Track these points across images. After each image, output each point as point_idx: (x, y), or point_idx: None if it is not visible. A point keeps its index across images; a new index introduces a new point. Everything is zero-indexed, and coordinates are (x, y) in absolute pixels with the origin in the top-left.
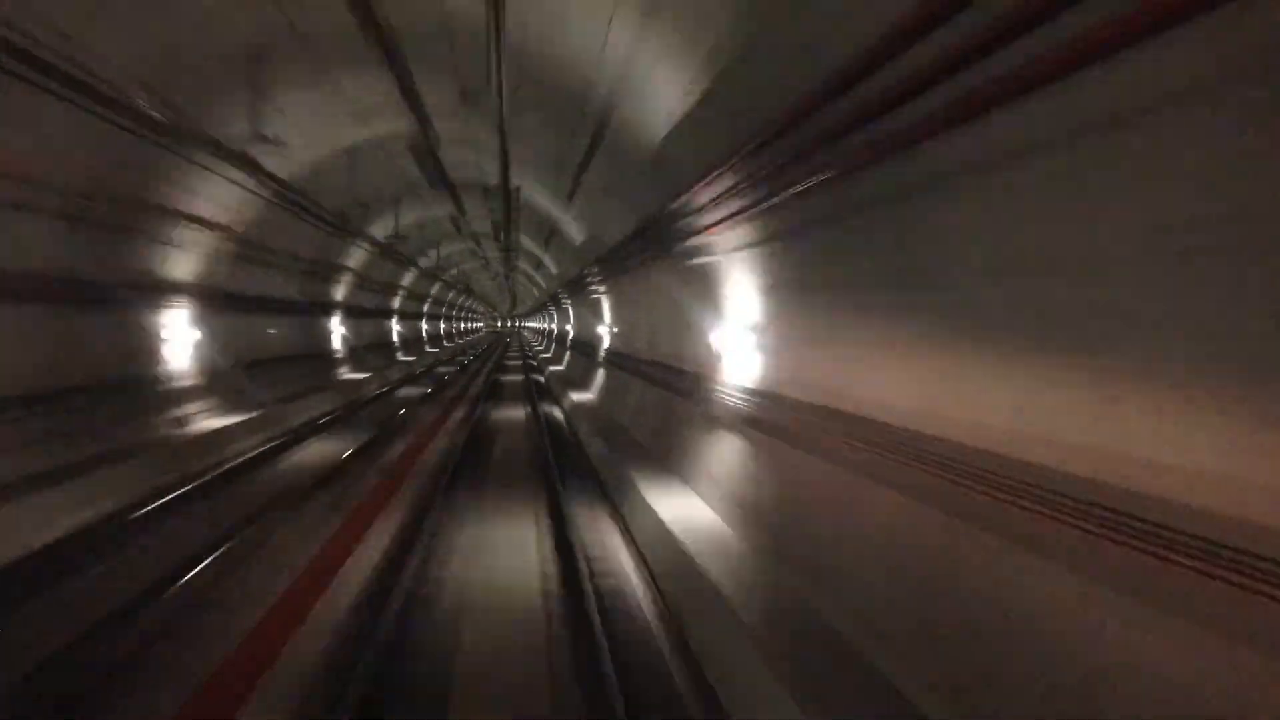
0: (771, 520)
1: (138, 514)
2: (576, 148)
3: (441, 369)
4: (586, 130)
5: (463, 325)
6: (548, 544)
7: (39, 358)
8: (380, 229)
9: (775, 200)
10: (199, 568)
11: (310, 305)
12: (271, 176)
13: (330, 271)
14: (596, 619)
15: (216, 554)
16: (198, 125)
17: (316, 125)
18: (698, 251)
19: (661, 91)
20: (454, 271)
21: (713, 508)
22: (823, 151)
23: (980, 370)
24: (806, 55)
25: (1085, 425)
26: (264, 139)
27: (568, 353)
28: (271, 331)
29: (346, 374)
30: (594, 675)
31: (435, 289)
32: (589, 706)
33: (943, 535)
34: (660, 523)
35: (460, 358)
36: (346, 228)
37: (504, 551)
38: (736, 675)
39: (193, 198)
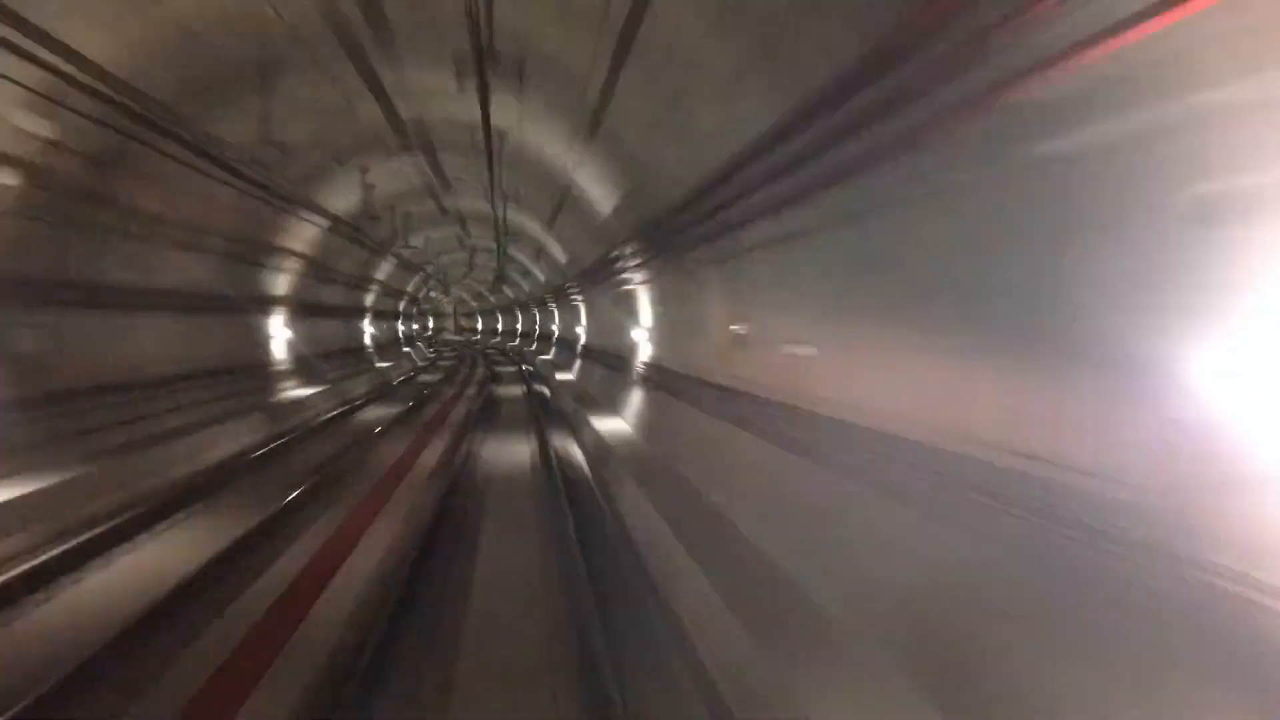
0: (651, 426)
1: None
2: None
3: None
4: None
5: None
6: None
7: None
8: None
9: (652, 259)
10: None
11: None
12: None
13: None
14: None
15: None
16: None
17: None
18: (624, 281)
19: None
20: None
21: (629, 424)
22: (675, 238)
23: (754, 353)
24: (661, 193)
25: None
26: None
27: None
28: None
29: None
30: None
31: (412, 284)
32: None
33: (714, 425)
34: (597, 430)
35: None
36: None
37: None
38: (622, 481)
39: None
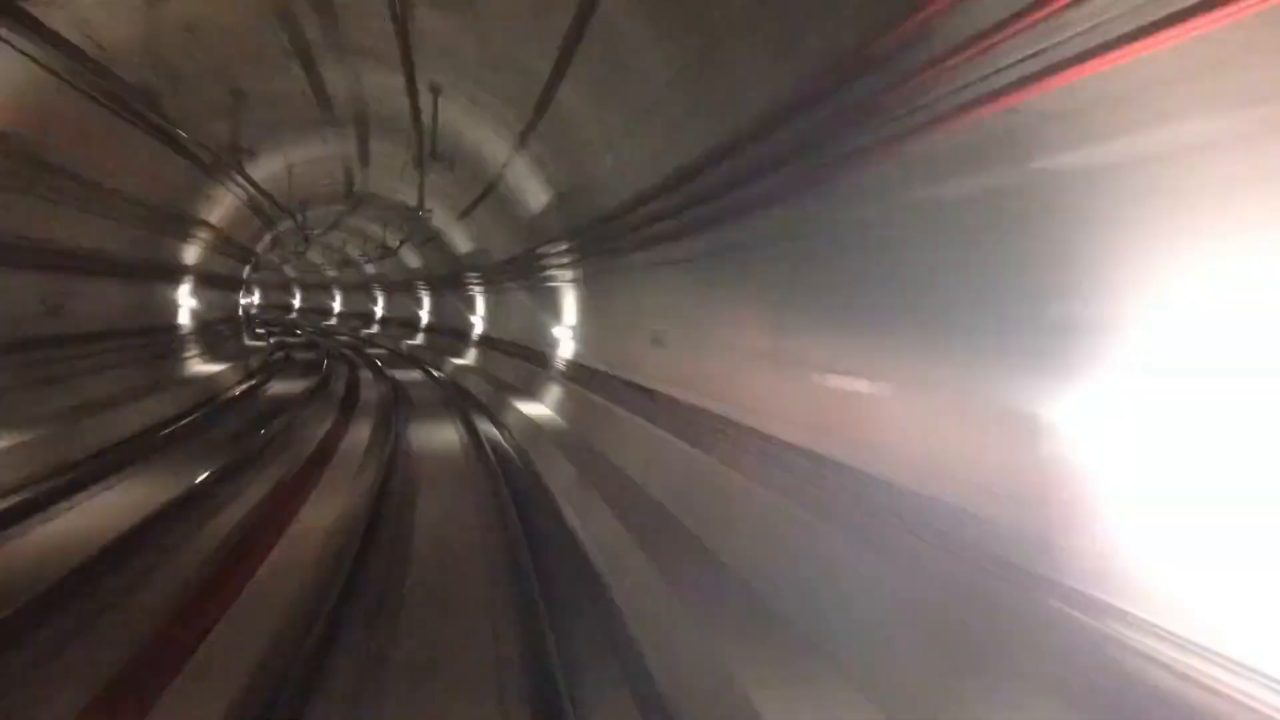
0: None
1: None
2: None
3: None
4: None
5: None
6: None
7: None
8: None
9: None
10: None
11: None
12: None
13: None
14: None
15: None
16: None
17: None
18: (549, 278)
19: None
20: None
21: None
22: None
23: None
24: (593, 201)
25: None
26: None
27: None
28: None
29: None
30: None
31: None
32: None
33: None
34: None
35: None
36: None
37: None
38: (545, 451)
39: None
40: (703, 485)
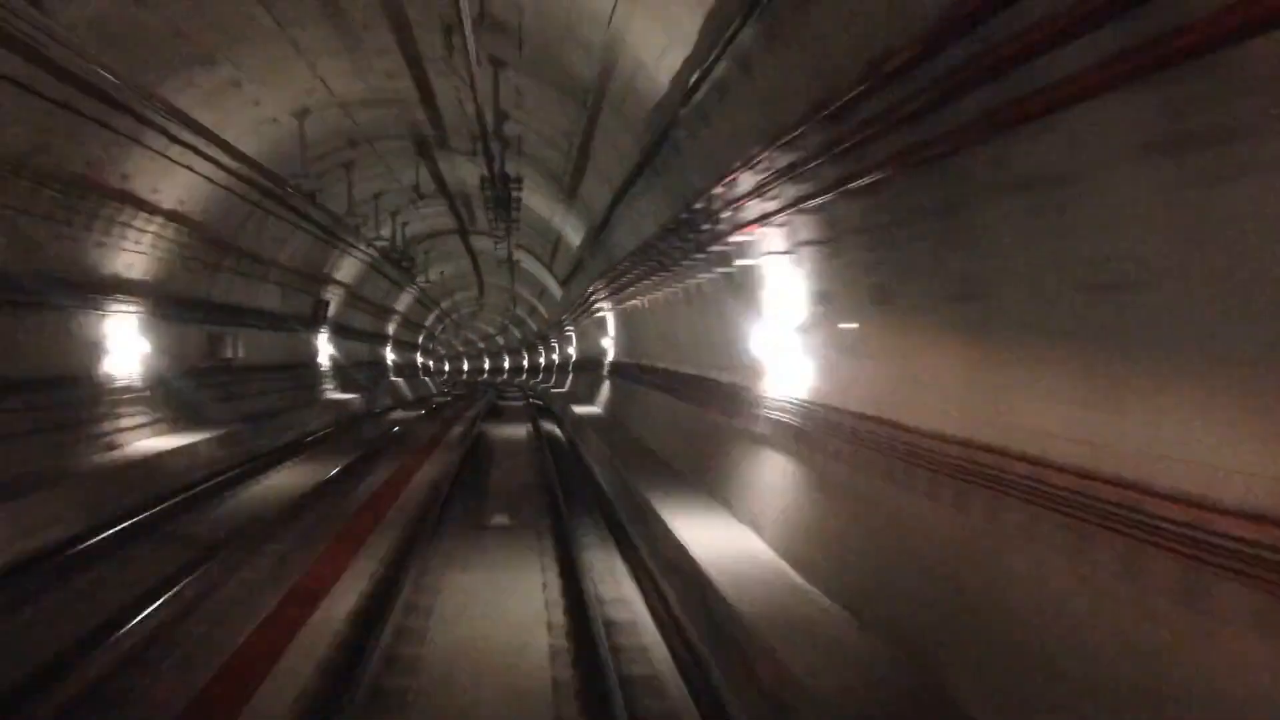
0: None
1: None
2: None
3: None
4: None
5: None
6: None
7: None
8: None
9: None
10: None
11: None
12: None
13: None
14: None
15: None
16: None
17: None
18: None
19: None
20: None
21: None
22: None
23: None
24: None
25: None
26: None
27: None
28: None
29: None
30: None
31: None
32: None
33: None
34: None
35: None
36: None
37: None
38: (588, 435)
39: None
40: None
